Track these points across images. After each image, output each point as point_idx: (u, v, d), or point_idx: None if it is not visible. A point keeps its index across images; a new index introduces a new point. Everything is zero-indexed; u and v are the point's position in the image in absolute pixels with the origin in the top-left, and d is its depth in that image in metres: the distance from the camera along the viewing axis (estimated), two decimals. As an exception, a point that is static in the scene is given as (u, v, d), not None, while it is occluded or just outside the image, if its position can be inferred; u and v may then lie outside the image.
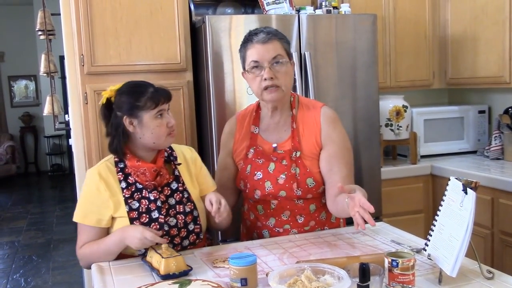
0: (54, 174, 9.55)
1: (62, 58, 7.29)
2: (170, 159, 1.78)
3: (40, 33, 4.13)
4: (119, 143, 1.69)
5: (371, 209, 1.38)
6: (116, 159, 1.73)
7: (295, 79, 2.59)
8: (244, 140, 1.91)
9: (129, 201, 1.67)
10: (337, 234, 1.81)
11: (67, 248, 5.12)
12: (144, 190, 1.69)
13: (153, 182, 1.69)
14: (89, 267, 1.68)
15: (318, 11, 2.79)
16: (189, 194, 1.77)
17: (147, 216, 1.67)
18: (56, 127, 4.19)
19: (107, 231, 1.71)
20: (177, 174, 1.79)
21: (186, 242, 1.73)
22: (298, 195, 1.80)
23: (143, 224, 1.65)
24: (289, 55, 1.80)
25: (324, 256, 1.57)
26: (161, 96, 1.68)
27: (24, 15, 9.28)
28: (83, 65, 2.49)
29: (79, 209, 1.71)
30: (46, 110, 4.09)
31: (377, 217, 2.84)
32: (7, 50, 9.52)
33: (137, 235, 1.55)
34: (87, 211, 1.69)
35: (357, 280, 1.19)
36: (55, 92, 4.25)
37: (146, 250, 1.61)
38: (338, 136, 1.83)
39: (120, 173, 1.70)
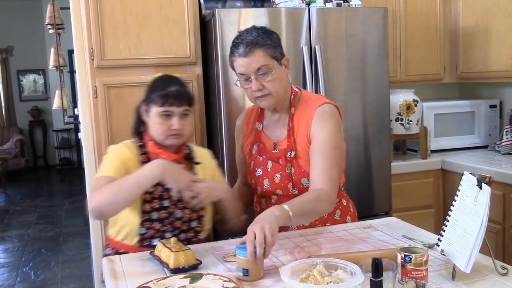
0: (62, 168, 9.61)
1: (71, 52, 7.33)
2: (189, 157, 1.80)
3: (49, 27, 4.14)
4: (134, 125, 1.79)
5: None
6: (140, 143, 1.77)
7: (305, 74, 2.58)
8: (249, 136, 1.93)
9: None
10: (348, 229, 1.79)
11: (76, 242, 5.15)
12: None
13: None
14: (98, 215, 1.61)
15: (328, 4, 2.77)
16: None
17: (159, 202, 1.70)
18: (65, 121, 4.21)
19: None
20: (195, 172, 1.81)
21: (183, 236, 1.75)
22: (294, 194, 1.78)
23: (153, 209, 1.69)
24: (277, 58, 1.70)
25: (336, 251, 1.56)
26: (174, 98, 1.67)
27: (32, 9, 9.30)
28: (93, 59, 2.49)
29: (100, 169, 1.71)
30: (56, 104, 4.11)
31: (387, 212, 2.83)
32: (15, 44, 9.55)
33: (159, 161, 1.59)
34: (108, 167, 1.69)
35: (370, 275, 1.18)
36: (64, 86, 4.26)
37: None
38: (323, 130, 1.72)
39: (144, 156, 1.74)
